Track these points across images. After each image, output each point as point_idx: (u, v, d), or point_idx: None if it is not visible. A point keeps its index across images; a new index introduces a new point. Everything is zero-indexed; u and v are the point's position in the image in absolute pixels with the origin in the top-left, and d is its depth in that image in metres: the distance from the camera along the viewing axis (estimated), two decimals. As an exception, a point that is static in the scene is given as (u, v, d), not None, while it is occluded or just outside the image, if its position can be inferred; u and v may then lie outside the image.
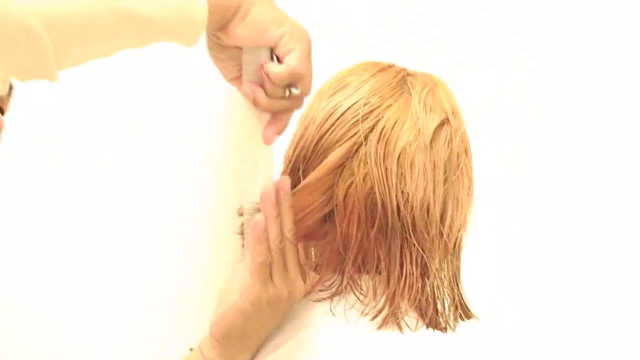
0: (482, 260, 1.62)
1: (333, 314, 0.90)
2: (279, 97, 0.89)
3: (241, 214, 0.93)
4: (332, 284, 0.92)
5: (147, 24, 0.80)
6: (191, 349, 0.96)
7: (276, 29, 0.86)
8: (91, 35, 0.78)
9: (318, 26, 1.74)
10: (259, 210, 0.89)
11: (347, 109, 0.92)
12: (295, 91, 0.90)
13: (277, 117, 0.91)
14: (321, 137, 0.92)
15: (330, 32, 1.74)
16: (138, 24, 0.79)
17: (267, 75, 0.87)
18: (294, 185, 0.92)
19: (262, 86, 0.88)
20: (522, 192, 1.65)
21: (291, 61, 0.87)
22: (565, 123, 1.63)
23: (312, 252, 0.96)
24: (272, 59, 0.89)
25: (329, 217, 0.92)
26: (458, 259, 0.95)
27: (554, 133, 1.63)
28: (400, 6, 1.71)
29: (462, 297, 0.94)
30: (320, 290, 0.92)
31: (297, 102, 0.91)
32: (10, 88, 1.06)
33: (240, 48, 0.89)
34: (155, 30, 0.81)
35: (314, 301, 0.92)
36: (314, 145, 0.92)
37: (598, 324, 1.58)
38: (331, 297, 0.91)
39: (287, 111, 0.91)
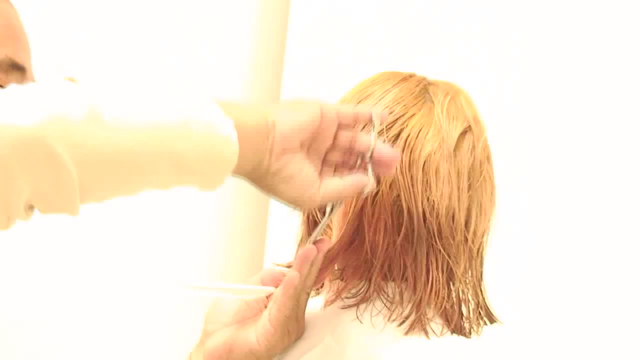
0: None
1: (360, 320, 0.92)
2: None
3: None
4: (358, 291, 0.93)
5: (181, 164, 0.76)
6: None
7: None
8: (124, 174, 0.75)
9: (319, 25, 1.77)
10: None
11: None
12: None
13: None
14: None
15: (331, 31, 1.75)
16: (174, 165, 0.76)
17: None
18: None
19: None
20: (522, 192, 1.67)
21: None
22: (566, 123, 1.64)
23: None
24: None
25: (356, 226, 0.94)
26: (482, 264, 0.97)
27: (554, 133, 1.64)
28: (401, 5, 1.72)
29: (486, 301, 0.96)
30: (347, 298, 0.94)
31: None
32: None
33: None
34: (185, 170, 0.77)
35: (340, 308, 0.94)
36: None
37: (598, 325, 1.59)
38: (357, 304, 0.93)
39: None
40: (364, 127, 0.90)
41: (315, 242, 0.91)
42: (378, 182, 0.90)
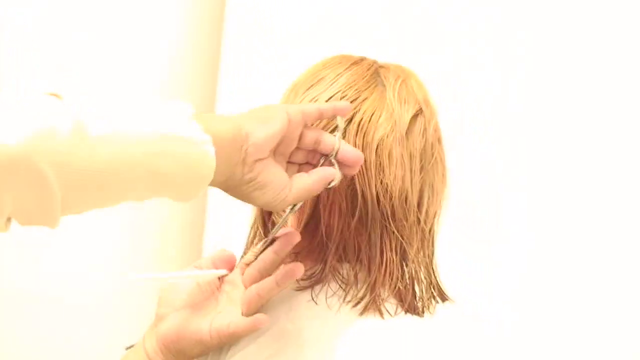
0: (481, 262, 1.63)
1: (315, 302, 0.93)
2: None
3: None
4: (313, 272, 0.94)
5: (161, 180, 0.78)
6: (127, 348, 0.96)
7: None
8: (105, 190, 0.75)
9: (323, 21, 1.78)
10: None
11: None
12: None
13: None
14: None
15: (335, 29, 1.76)
16: (154, 181, 0.77)
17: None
18: None
19: None
20: (523, 193, 1.66)
21: None
22: (570, 123, 1.63)
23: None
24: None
25: (311, 210, 0.95)
26: (433, 243, 0.98)
27: (558, 132, 1.64)
28: (406, 4, 1.73)
29: (437, 280, 0.97)
30: (302, 280, 0.94)
31: None
32: None
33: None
34: (164, 185, 0.79)
35: (295, 289, 0.94)
36: None
37: (598, 325, 1.58)
38: (312, 286, 0.94)
39: None
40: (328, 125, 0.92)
41: (280, 234, 0.92)
42: None
